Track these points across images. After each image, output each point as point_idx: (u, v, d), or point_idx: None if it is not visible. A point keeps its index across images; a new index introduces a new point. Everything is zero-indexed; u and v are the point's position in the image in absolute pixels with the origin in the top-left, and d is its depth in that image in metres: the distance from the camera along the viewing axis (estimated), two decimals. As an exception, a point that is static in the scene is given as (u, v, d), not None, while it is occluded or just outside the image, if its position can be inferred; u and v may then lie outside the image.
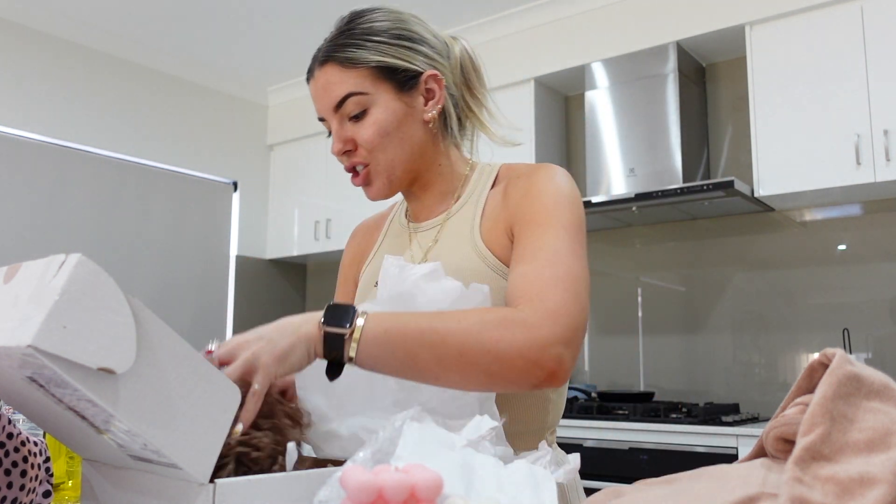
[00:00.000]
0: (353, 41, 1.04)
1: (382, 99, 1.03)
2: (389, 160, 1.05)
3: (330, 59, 1.04)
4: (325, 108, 1.05)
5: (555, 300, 0.86)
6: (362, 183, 1.08)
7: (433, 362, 0.82)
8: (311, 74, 1.07)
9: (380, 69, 1.03)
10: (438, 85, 1.08)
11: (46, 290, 0.52)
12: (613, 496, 0.57)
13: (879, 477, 0.46)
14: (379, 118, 1.03)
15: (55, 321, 0.50)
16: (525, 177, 1.06)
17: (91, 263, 0.53)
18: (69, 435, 0.66)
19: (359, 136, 1.04)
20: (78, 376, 0.51)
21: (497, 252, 1.03)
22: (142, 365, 0.55)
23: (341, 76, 1.03)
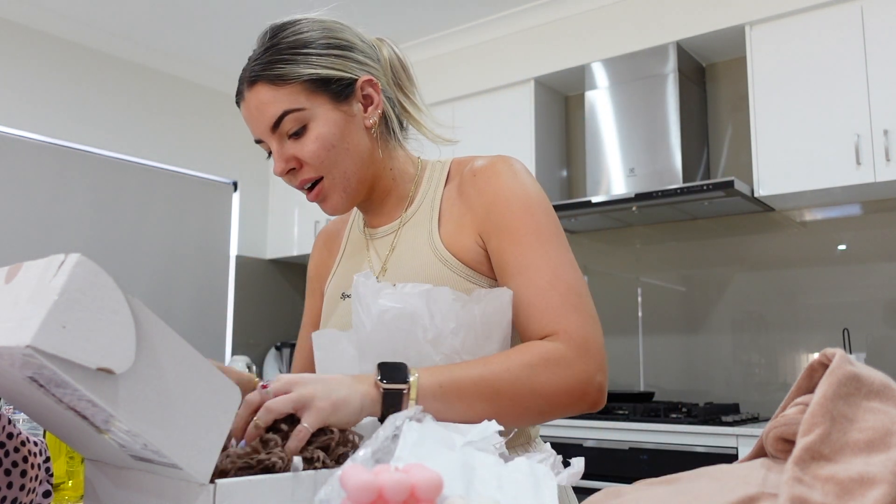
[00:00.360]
0: (281, 57, 1.00)
1: (320, 112, 1.00)
2: (342, 173, 1.02)
3: (259, 79, 1.00)
4: (261, 129, 1.01)
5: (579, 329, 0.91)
6: (316, 199, 1.04)
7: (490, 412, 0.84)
8: (241, 97, 1.03)
9: (312, 82, 1.00)
10: (375, 89, 1.05)
11: (46, 290, 0.52)
12: (613, 496, 0.57)
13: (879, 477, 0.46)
14: (321, 132, 1.00)
15: (54, 321, 0.50)
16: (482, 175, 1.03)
17: (91, 263, 0.53)
18: (70, 434, 0.66)
19: (302, 153, 1.00)
20: (77, 376, 0.51)
21: (461, 256, 1.00)
22: (141, 365, 0.55)
23: (273, 95, 0.99)
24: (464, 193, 1.04)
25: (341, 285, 1.12)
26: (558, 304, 0.92)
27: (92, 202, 3.78)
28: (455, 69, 3.74)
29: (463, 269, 1.00)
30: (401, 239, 1.08)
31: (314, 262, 1.25)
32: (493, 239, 0.99)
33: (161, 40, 4.00)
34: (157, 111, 4.14)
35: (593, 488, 0.77)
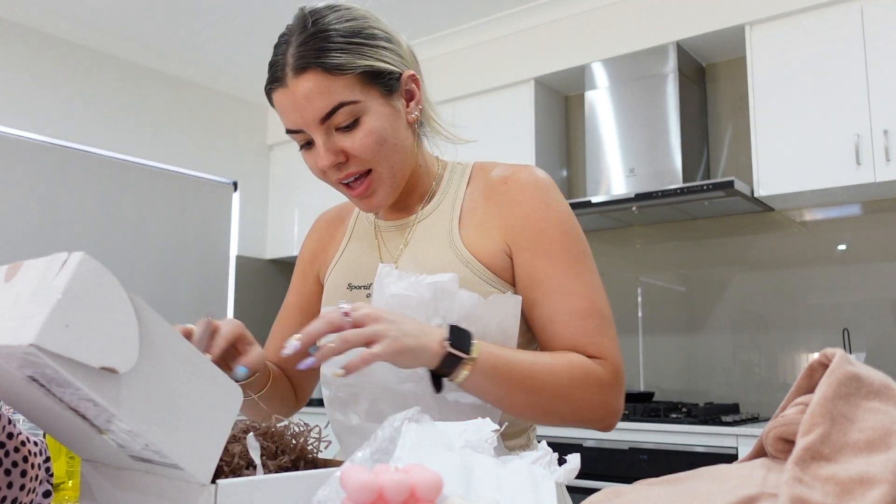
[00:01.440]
0: (335, 44, 0.94)
1: (373, 105, 0.97)
2: (390, 168, 1.00)
3: (311, 66, 0.93)
4: (307, 119, 0.95)
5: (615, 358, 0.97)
6: (363, 193, 1.00)
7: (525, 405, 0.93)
8: (282, 83, 0.96)
9: (367, 74, 0.96)
10: (416, 85, 1.04)
11: (49, 288, 0.51)
12: (613, 496, 0.57)
13: (879, 477, 0.46)
14: (374, 126, 0.96)
15: (58, 320, 0.50)
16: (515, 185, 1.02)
17: (94, 262, 0.53)
18: (69, 435, 0.66)
19: (353, 147, 0.96)
20: (80, 376, 0.51)
21: (484, 259, 1.00)
22: (144, 364, 0.54)
23: (328, 84, 0.93)
24: (491, 199, 1.03)
25: (347, 275, 1.10)
26: (596, 331, 0.97)
27: (92, 202, 3.78)
28: (455, 69, 3.74)
29: (484, 271, 0.99)
30: (416, 235, 1.06)
31: (311, 245, 1.22)
32: (524, 252, 1.00)
33: (161, 40, 4.00)
34: (157, 111, 4.14)
35: (593, 488, 0.77)
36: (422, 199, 1.09)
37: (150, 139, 4.08)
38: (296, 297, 1.22)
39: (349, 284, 1.08)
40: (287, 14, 1.06)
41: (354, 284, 1.07)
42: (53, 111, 3.72)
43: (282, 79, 0.96)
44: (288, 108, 0.96)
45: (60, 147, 3.71)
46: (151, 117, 4.11)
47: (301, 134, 0.98)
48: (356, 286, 1.07)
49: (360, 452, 0.61)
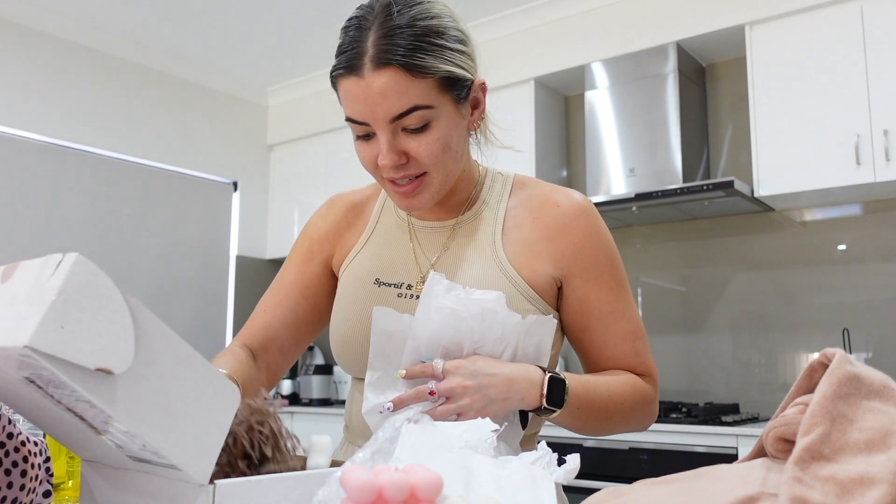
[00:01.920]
0: (421, 44, 0.90)
1: (444, 112, 0.94)
2: (445, 173, 0.98)
3: (394, 63, 0.89)
4: (379, 116, 0.91)
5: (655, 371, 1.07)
6: (409, 193, 0.98)
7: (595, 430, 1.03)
8: (356, 72, 0.90)
9: (444, 80, 0.93)
10: (483, 94, 1.03)
11: (43, 289, 0.51)
12: (613, 496, 0.57)
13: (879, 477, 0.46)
14: (442, 134, 0.94)
15: (52, 321, 0.50)
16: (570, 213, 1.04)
17: (89, 263, 0.52)
18: (68, 436, 0.66)
19: (419, 151, 0.94)
20: (75, 377, 0.51)
21: (529, 278, 1.00)
22: (140, 365, 0.54)
23: (407, 85, 0.90)
24: (539, 219, 1.04)
25: (374, 270, 1.06)
26: (642, 351, 1.05)
27: (92, 202, 3.78)
28: (455, 69, 3.73)
29: (527, 289, 1.00)
30: (456, 241, 1.05)
31: (324, 225, 1.15)
32: (576, 279, 1.03)
33: (161, 40, 4.00)
34: (157, 111, 4.14)
35: (593, 488, 0.77)
36: (461, 203, 1.07)
37: (150, 139, 4.08)
38: (297, 275, 1.15)
39: (377, 280, 1.05)
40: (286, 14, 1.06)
41: (383, 281, 1.05)
42: (53, 111, 3.72)
43: (358, 68, 0.90)
44: (358, 100, 0.92)
45: (60, 147, 3.71)
46: (151, 117, 4.11)
47: (364, 126, 0.94)
48: (385, 283, 1.04)
49: (361, 453, 0.61)
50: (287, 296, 1.15)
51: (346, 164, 4.23)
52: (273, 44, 4.02)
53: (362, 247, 1.11)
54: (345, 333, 1.05)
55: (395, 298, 1.03)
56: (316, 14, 3.64)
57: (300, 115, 4.51)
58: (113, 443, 0.60)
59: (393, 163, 0.94)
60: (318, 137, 4.38)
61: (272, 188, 4.64)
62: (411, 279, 1.04)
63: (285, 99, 4.61)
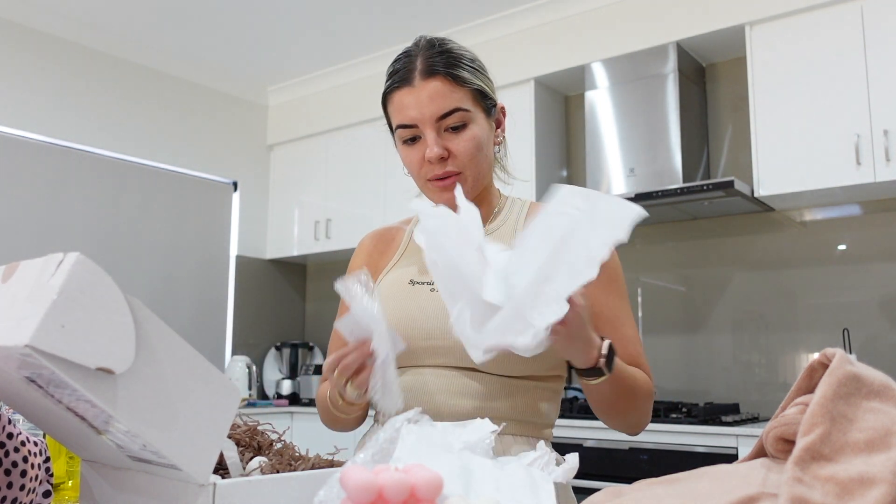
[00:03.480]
0: (459, 62, 1.14)
1: (478, 118, 1.14)
2: (476, 173, 1.15)
3: (439, 73, 1.11)
4: (427, 116, 1.11)
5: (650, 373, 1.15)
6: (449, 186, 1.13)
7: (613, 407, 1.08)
8: (408, 83, 1.12)
9: (479, 92, 1.15)
10: (503, 116, 1.22)
11: (44, 289, 0.51)
12: (613, 496, 0.57)
13: (879, 477, 0.46)
14: (476, 134, 1.13)
15: (53, 320, 0.50)
16: None
17: (90, 262, 0.52)
18: (68, 435, 0.66)
19: (458, 148, 1.12)
20: (76, 376, 0.51)
21: None
22: (141, 365, 0.54)
23: (450, 90, 1.11)
24: None
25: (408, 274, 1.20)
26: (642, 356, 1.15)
27: (92, 202, 3.78)
28: (455, 69, 3.73)
29: None
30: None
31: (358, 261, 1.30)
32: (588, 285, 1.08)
33: (161, 40, 4.00)
34: (157, 111, 4.14)
35: (593, 488, 0.77)
36: (485, 218, 1.20)
37: (150, 139, 4.08)
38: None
39: (411, 280, 1.18)
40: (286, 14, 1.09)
41: (417, 281, 1.18)
42: (53, 111, 3.72)
43: (410, 80, 1.13)
44: (410, 105, 1.12)
45: (60, 147, 3.71)
46: (151, 117, 4.11)
47: (412, 129, 1.13)
48: (419, 282, 1.17)
49: (361, 454, 0.61)
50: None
51: (346, 164, 4.23)
52: (273, 44, 4.02)
53: (396, 262, 1.25)
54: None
55: (427, 293, 1.15)
56: (316, 14, 3.64)
57: (300, 115, 4.51)
58: (113, 443, 0.60)
59: (437, 155, 1.11)
60: (318, 137, 4.38)
61: (272, 188, 4.64)
62: None
63: (285, 99, 4.61)
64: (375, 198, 4.01)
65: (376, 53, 4.08)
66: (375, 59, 4.10)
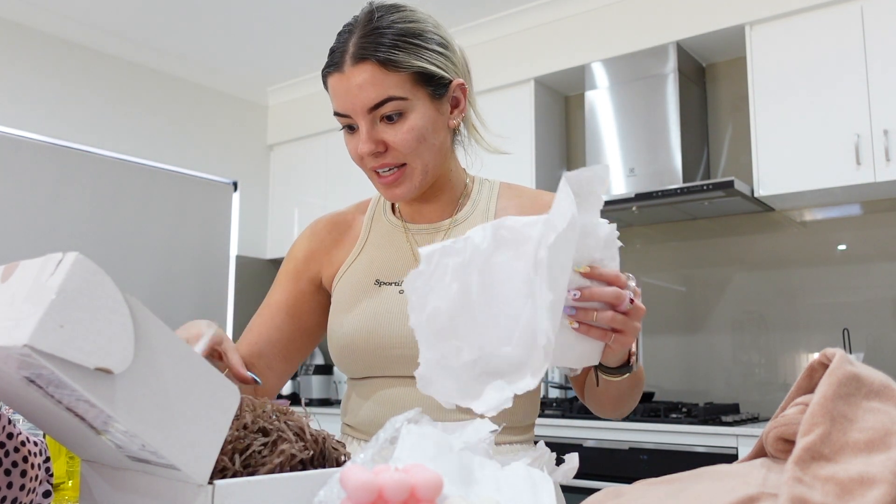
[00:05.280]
0: (393, 41, 1.01)
1: (419, 104, 1.03)
2: (423, 165, 1.05)
3: (368, 58, 1.00)
4: (356, 107, 1.01)
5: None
6: (392, 182, 1.05)
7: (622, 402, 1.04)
8: (339, 69, 1.02)
9: (419, 74, 1.02)
10: (463, 94, 1.09)
11: (43, 288, 0.51)
12: (613, 496, 0.57)
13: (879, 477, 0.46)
14: (416, 124, 1.02)
15: (52, 320, 0.50)
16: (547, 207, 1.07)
17: (88, 262, 0.52)
18: (68, 436, 0.66)
19: (395, 140, 1.02)
20: (75, 376, 0.51)
21: None
22: (140, 365, 0.54)
23: (381, 77, 1.00)
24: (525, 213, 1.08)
25: (373, 272, 1.12)
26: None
27: (92, 202, 3.78)
28: (455, 69, 3.73)
29: None
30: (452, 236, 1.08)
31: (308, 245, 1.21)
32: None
33: (161, 40, 4.00)
34: (157, 111, 4.14)
35: (593, 488, 0.77)
36: (451, 204, 1.14)
37: (150, 139, 4.08)
38: (283, 295, 1.20)
39: (377, 280, 1.11)
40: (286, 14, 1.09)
41: (384, 281, 1.10)
42: (53, 111, 3.72)
43: (340, 65, 1.02)
44: (340, 93, 1.03)
45: (60, 147, 3.71)
46: (151, 117, 4.11)
47: (347, 118, 1.04)
48: (386, 282, 1.10)
49: (362, 454, 0.61)
50: (274, 315, 1.19)
51: (346, 164, 4.21)
52: (273, 44, 4.02)
53: (357, 256, 1.16)
54: (346, 334, 1.09)
55: (396, 296, 1.07)
56: (316, 14, 3.64)
57: (300, 115, 4.51)
58: (113, 443, 0.60)
59: (370, 150, 1.03)
60: (318, 137, 4.38)
61: (272, 188, 4.64)
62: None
63: (285, 99, 4.61)
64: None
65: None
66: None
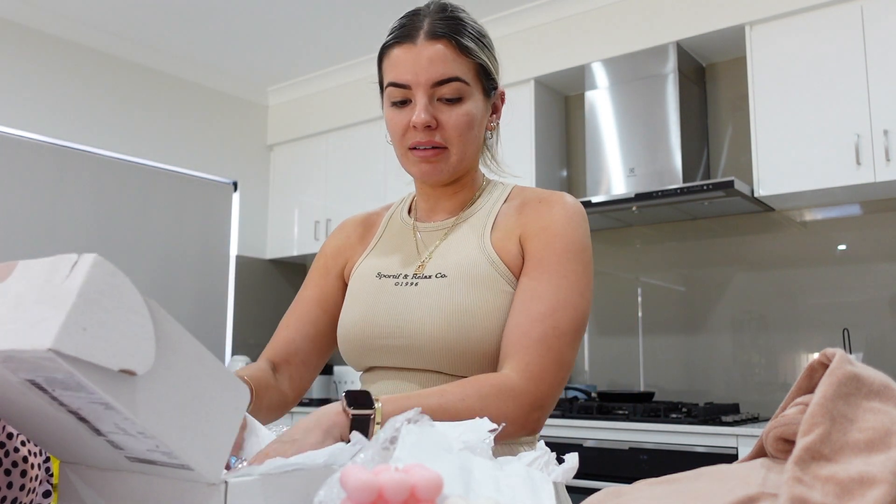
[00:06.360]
0: (468, 32, 1.06)
1: (476, 95, 1.07)
2: (463, 152, 1.08)
3: (445, 37, 1.04)
4: (423, 79, 1.03)
5: (539, 365, 0.97)
6: (431, 159, 1.07)
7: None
8: (411, 40, 1.05)
9: (482, 68, 1.07)
10: (502, 103, 1.15)
11: (60, 291, 0.51)
12: (613, 496, 0.57)
13: (879, 477, 0.46)
14: (471, 110, 1.06)
15: (74, 323, 0.49)
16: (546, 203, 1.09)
17: (108, 264, 0.52)
18: (53, 437, 0.65)
19: (448, 120, 1.05)
20: (97, 379, 0.51)
21: (506, 259, 1.07)
22: (160, 366, 0.54)
23: (452, 57, 1.04)
24: (523, 212, 1.11)
25: (377, 266, 1.15)
26: (537, 338, 0.98)
27: (92, 202, 3.78)
28: (455, 69, 3.73)
29: (507, 273, 1.06)
30: (452, 234, 1.14)
31: (337, 242, 1.25)
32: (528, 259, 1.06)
33: (161, 40, 4.00)
34: (157, 111, 4.14)
35: (593, 488, 0.77)
36: (463, 204, 1.17)
37: (150, 139, 4.08)
38: (315, 290, 1.23)
39: (378, 273, 1.14)
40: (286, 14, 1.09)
41: (384, 274, 1.13)
42: (53, 111, 3.72)
43: (413, 37, 1.05)
44: (406, 63, 1.04)
45: (60, 147, 3.71)
46: (151, 117, 4.11)
47: (404, 90, 1.05)
48: (385, 275, 1.13)
49: (362, 454, 0.61)
50: (307, 311, 1.22)
51: (346, 164, 4.23)
52: (273, 44, 4.02)
53: (370, 251, 1.20)
54: (344, 325, 1.13)
55: (392, 288, 1.10)
56: (316, 14, 3.64)
57: (300, 115, 4.51)
58: (111, 444, 0.60)
59: (425, 122, 1.03)
60: (318, 137, 4.38)
61: (272, 188, 4.64)
62: (409, 269, 1.12)
63: (285, 99, 4.61)
64: (375, 198, 4.01)
65: (376, 54, 4.07)
66: (375, 59, 4.10)
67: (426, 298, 1.05)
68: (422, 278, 1.08)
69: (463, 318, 1.02)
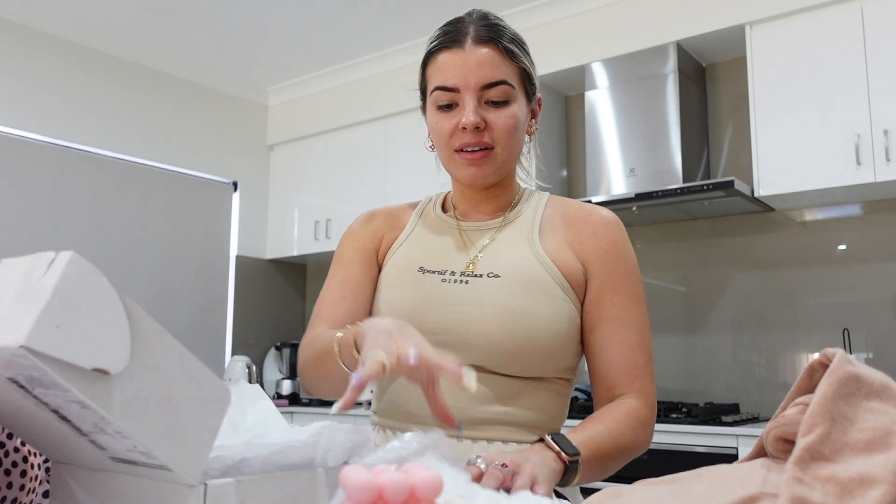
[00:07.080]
0: (512, 38, 1.11)
1: (520, 98, 1.11)
2: (507, 154, 1.11)
3: (493, 42, 1.08)
4: (472, 82, 1.06)
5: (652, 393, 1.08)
6: (478, 160, 1.09)
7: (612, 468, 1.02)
8: (459, 45, 1.08)
9: (525, 73, 1.12)
10: (539, 107, 1.18)
11: (36, 288, 0.50)
12: (613, 496, 0.57)
13: (879, 477, 0.46)
14: (516, 113, 1.09)
15: (48, 321, 0.49)
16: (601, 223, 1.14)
17: (84, 261, 0.52)
18: (42, 437, 0.65)
19: (496, 122, 1.07)
20: (70, 377, 0.50)
21: (559, 265, 1.09)
22: (135, 365, 0.54)
23: (500, 61, 1.08)
24: (573, 225, 1.14)
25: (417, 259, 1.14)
26: (643, 365, 1.08)
27: (92, 202, 3.78)
28: (455, 69, 3.73)
29: (558, 275, 1.09)
30: (501, 234, 1.14)
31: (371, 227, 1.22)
32: (595, 280, 1.10)
33: (161, 40, 4.00)
34: (157, 111, 4.14)
35: (593, 488, 0.78)
36: (503, 208, 1.18)
37: (150, 139, 4.08)
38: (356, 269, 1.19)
39: (421, 268, 1.13)
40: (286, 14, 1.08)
41: (427, 269, 1.12)
42: (53, 111, 3.72)
43: (460, 42, 1.08)
44: (455, 67, 1.07)
45: (60, 147, 3.71)
46: (151, 117, 4.11)
47: (451, 94, 1.08)
48: (430, 270, 1.12)
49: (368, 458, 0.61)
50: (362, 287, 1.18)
51: (346, 164, 4.23)
52: (273, 44, 4.02)
53: (405, 240, 1.19)
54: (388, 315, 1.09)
55: (439, 284, 1.09)
56: (316, 14, 3.64)
57: (300, 115, 4.51)
58: (94, 444, 0.59)
59: (474, 123, 1.06)
60: (318, 137, 4.38)
61: (272, 188, 4.64)
62: (457, 266, 1.11)
63: (285, 99, 4.61)
64: (375, 198, 4.01)
65: (376, 54, 4.08)
66: (375, 59, 4.10)
67: (480, 297, 1.06)
68: (472, 276, 1.09)
69: (521, 319, 1.04)
